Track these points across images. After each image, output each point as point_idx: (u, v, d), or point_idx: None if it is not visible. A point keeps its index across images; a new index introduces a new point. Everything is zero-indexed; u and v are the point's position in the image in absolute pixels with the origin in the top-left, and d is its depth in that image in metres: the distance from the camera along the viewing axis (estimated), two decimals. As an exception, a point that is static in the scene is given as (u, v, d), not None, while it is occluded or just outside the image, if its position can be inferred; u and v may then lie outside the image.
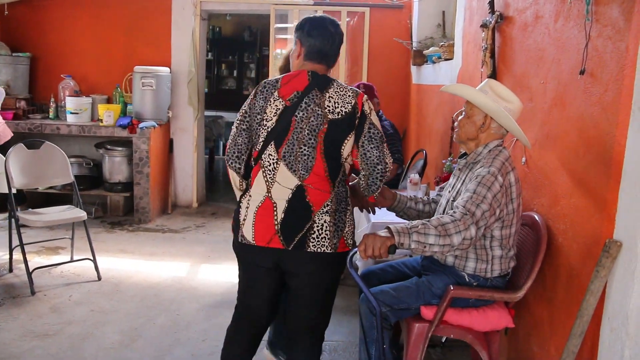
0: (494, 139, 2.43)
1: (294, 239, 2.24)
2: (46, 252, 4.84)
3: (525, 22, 2.90)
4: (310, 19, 2.38)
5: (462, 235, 2.16)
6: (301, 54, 2.37)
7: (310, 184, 2.24)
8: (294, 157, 2.24)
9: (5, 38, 6.44)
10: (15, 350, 3.16)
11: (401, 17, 6.27)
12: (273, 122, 2.27)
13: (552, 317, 2.48)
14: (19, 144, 4.33)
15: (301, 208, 2.24)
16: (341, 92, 2.28)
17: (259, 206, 2.28)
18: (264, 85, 2.33)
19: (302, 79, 2.29)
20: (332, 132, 2.24)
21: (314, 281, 2.35)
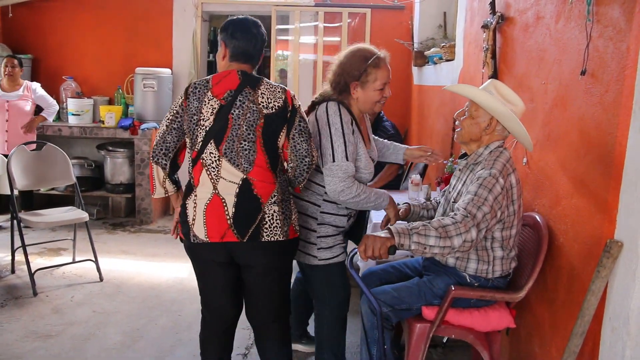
0: (495, 140, 2.43)
1: (248, 231, 2.32)
2: (48, 253, 4.85)
3: (526, 22, 2.91)
4: (233, 22, 2.46)
5: (462, 238, 2.16)
6: (226, 55, 2.45)
7: (254, 177, 2.34)
8: (235, 152, 2.33)
9: (7, 40, 6.46)
10: (18, 351, 3.17)
11: (402, 18, 6.28)
12: (211, 122, 2.34)
13: (553, 317, 2.48)
14: (21, 145, 4.34)
15: (250, 200, 2.33)
16: (271, 88, 2.40)
17: (207, 204, 2.33)
18: (194, 87, 2.38)
19: (233, 78, 2.38)
20: (268, 126, 2.36)
21: (270, 271, 2.44)
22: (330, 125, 2.48)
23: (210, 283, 2.49)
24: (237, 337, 3.38)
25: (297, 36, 6.28)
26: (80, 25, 6.52)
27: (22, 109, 5.33)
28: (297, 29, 6.27)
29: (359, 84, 2.54)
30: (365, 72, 2.53)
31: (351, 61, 2.55)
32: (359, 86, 2.55)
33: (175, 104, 2.42)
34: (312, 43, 6.46)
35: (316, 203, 2.61)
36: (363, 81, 2.54)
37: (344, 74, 2.54)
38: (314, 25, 6.37)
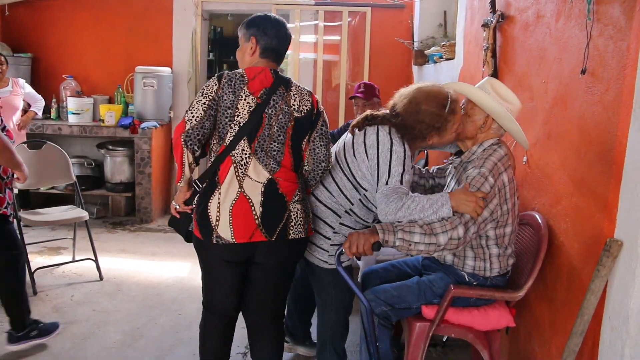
0: (491, 138, 2.43)
1: (276, 229, 2.33)
2: (48, 252, 4.85)
3: (526, 21, 2.90)
4: (266, 18, 2.46)
5: (448, 235, 2.17)
6: (256, 51, 2.43)
7: (279, 177, 2.34)
8: (265, 152, 2.33)
9: (6, 39, 6.45)
10: (18, 351, 3.17)
11: (402, 17, 6.27)
12: (245, 118, 2.31)
13: (553, 316, 2.48)
14: (21, 144, 4.34)
15: (277, 199, 2.34)
16: (301, 91, 2.43)
17: (233, 204, 2.30)
18: (229, 78, 2.34)
19: (267, 76, 2.38)
20: (297, 129, 2.39)
21: (283, 265, 2.47)
22: (393, 152, 2.34)
23: (219, 281, 2.46)
24: (237, 337, 3.37)
25: (297, 35, 6.28)
26: (80, 23, 6.51)
27: (15, 106, 5.27)
28: (297, 28, 6.27)
29: (436, 133, 2.39)
30: (446, 120, 2.36)
31: (429, 110, 2.35)
32: (436, 134, 2.40)
33: (209, 90, 2.34)
34: (312, 42, 6.45)
35: (338, 213, 2.55)
36: (442, 129, 2.38)
37: (421, 123, 2.35)
38: (314, 24, 6.36)
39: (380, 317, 2.51)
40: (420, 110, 2.36)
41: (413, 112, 2.36)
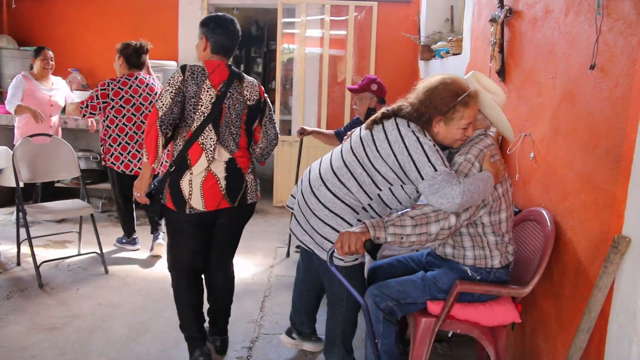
0: (477, 128, 2.44)
1: (237, 197, 2.83)
2: (54, 245, 4.85)
3: (534, 16, 2.88)
4: (213, 18, 2.81)
5: (440, 225, 2.18)
6: (207, 48, 2.79)
7: (237, 155, 2.82)
8: (226, 137, 2.77)
9: (12, 32, 6.46)
10: (24, 343, 3.18)
11: (409, 12, 6.25)
12: (209, 109, 2.71)
13: (559, 312, 2.47)
14: (26, 137, 4.34)
15: (236, 174, 2.82)
16: (251, 83, 2.88)
17: (202, 181, 2.73)
18: (192, 71, 2.70)
19: (224, 70, 2.77)
20: (249, 115, 2.85)
21: (239, 223, 3.02)
22: (422, 144, 2.30)
23: (189, 244, 2.88)
24: (242, 331, 3.40)
25: (303, 29, 6.26)
26: (85, 17, 6.51)
27: (60, 104, 5.31)
28: (303, 22, 6.25)
29: (443, 119, 2.35)
30: (453, 109, 2.32)
31: (441, 94, 2.34)
32: (443, 121, 2.35)
33: (175, 80, 2.68)
34: (319, 36, 6.43)
35: (355, 209, 2.48)
36: (449, 117, 2.33)
37: (430, 105, 2.34)
38: (320, 18, 6.34)
39: (385, 312, 2.50)
40: (432, 95, 2.35)
41: (425, 99, 2.36)
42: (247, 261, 4.67)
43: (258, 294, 4.01)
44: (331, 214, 2.50)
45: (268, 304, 3.84)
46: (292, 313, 3.15)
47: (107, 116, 4.45)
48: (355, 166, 2.47)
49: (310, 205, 2.56)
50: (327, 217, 2.50)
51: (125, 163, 4.49)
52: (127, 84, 4.48)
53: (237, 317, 3.61)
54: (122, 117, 4.44)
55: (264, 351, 3.20)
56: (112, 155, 4.49)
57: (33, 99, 5.03)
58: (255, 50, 11.39)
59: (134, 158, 4.49)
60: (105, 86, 4.45)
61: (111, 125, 4.47)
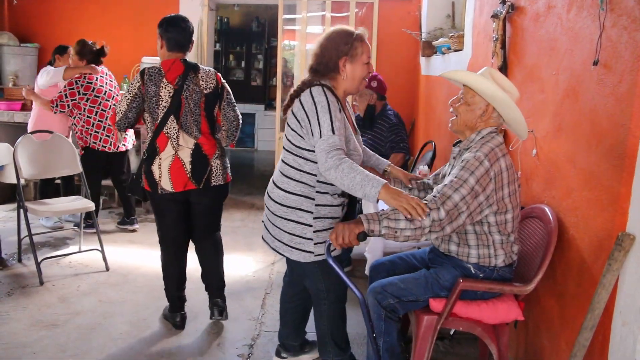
0: (489, 126, 2.41)
1: (202, 180, 3.16)
2: (55, 242, 4.85)
3: (537, 12, 2.87)
4: (166, 19, 3.16)
5: (431, 217, 2.16)
6: (164, 46, 3.15)
7: (203, 142, 3.15)
8: (188, 124, 3.12)
9: (13, 29, 6.44)
10: (24, 340, 3.18)
11: (410, 8, 6.23)
12: (168, 102, 3.08)
13: (563, 310, 2.46)
14: (27, 134, 4.33)
15: (201, 158, 3.15)
16: (207, 73, 3.21)
17: (170, 165, 3.11)
18: (149, 74, 3.09)
19: (179, 66, 3.12)
20: (208, 102, 3.17)
21: (212, 203, 3.34)
22: (317, 104, 2.41)
23: (168, 217, 3.27)
24: (244, 328, 3.39)
25: (304, 26, 6.24)
26: (86, 14, 6.50)
27: None
28: (304, 19, 6.23)
29: (348, 59, 2.48)
30: (353, 46, 2.48)
31: (337, 38, 2.50)
32: (348, 61, 2.48)
33: (133, 87, 3.11)
34: (320, 33, 6.41)
35: (310, 196, 2.52)
36: (352, 55, 2.48)
37: (331, 50, 2.49)
38: (321, 15, 6.33)
39: (387, 309, 2.49)
40: (329, 42, 2.51)
41: (321, 52, 2.52)
42: (248, 258, 4.67)
43: (259, 291, 4.00)
44: (289, 209, 2.54)
45: (269, 301, 3.83)
46: (280, 325, 3.05)
47: (84, 108, 4.85)
48: (287, 155, 2.56)
49: (271, 208, 2.61)
50: (286, 213, 2.55)
51: (113, 142, 4.98)
52: (93, 78, 4.89)
53: (238, 314, 3.61)
54: (98, 105, 4.88)
55: (265, 349, 3.19)
56: (100, 139, 4.91)
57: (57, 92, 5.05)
58: (256, 47, 11.35)
59: (117, 136, 5.00)
60: (73, 85, 4.80)
61: (90, 114, 4.87)
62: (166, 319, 3.49)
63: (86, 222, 4.93)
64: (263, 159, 9.70)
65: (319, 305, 2.73)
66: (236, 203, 6.52)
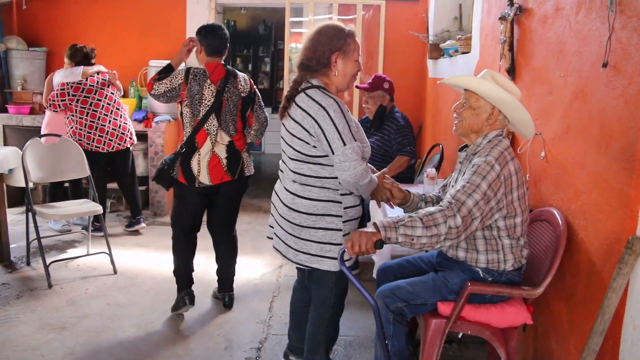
0: (495, 129, 2.40)
1: (236, 172, 3.47)
2: (63, 245, 4.87)
3: (545, 14, 2.85)
4: (204, 27, 3.46)
5: (447, 224, 2.14)
6: (202, 51, 3.44)
7: (235, 139, 3.46)
8: (227, 123, 3.41)
9: (22, 33, 6.48)
10: (33, 343, 3.19)
11: (417, 10, 6.22)
12: (212, 102, 3.37)
13: (572, 314, 2.44)
14: (35, 138, 4.35)
15: (235, 153, 3.46)
16: (244, 78, 3.53)
17: (208, 161, 3.39)
18: (194, 74, 3.38)
19: (221, 70, 3.42)
20: (243, 104, 3.50)
21: (237, 194, 3.63)
22: (326, 108, 2.35)
23: (191, 208, 3.54)
24: (252, 331, 3.39)
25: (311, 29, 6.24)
26: (94, 18, 6.52)
27: None
28: (311, 22, 6.23)
29: (341, 54, 2.45)
30: (346, 42, 2.46)
31: (330, 33, 2.47)
32: (340, 57, 2.45)
33: (174, 80, 3.39)
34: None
35: (336, 200, 2.48)
36: (345, 50, 2.45)
37: (324, 45, 2.45)
38: (328, 17, 6.32)
39: (395, 313, 2.48)
40: (320, 37, 2.48)
41: (313, 46, 2.48)
42: (256, 261, 4.66)
43: (267, 294, 4.00)
44: (318, 217, 2.48)
45: (277, 304, 3.82)
46: (291, 329, 3.00)
47: (76, 109, 4.88)
48: (301, 166, 2.48)
49: (295, 220, 2.51)
50: (315, 222, 2.47)
51: (107, 142, 4.96)
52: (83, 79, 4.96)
53: (245, 317, 3.61)
54: (90, 106, 4.91)
55: (273, 352, 3.19)
56: (93, 140, 4.91)
57: None
58: (263, 50, 11.37)
59: (113, 136, 4.99)
60: (64, 86, 4.86)
61: (82, 115, 4.90)
62: (176, 303, 3.62)
63: (94, 226, 4.95)
64: (270, 161, 9.71)
65: (322, 311, 2.69)
66: (243, 206, 6.49)
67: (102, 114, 4.93)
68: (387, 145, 4.28)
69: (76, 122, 4.89)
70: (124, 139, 5.09)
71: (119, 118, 5.08)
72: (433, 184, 3.54)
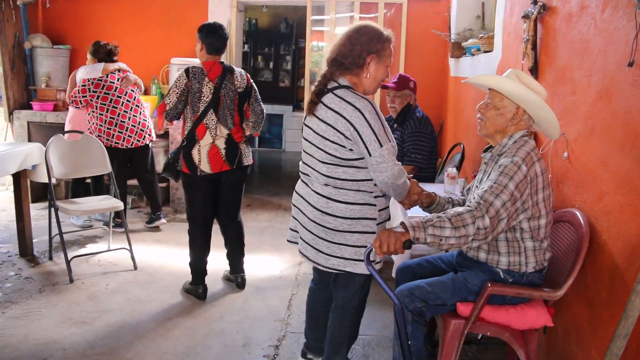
0: (520, 129, 2.37)
1: (234, 162, 3.69)
2: (84, 241, 4.93)
3: (569, 12, 2.81)
4: (206, 26, 3.65)
5: (475, 225, 2.11)
6: (203, 49, 3.63)
7: (234, 132, 3.68)
8: (225, 117, 3.64)
9: (46, 31, 6.56)
10: (55, 336, 3.23)
11: (439, 9, 6.17)
12: (209, 98, 3.58)
13: (594, 317, 2.40)
14: (58, 134, 4.41)
15: (233, 144, 3.68)
16: (240, 74, 3.73)
17: (208, 151, 3.61)
18: (193, 72, 3.57)
19: (218, 68, 3.62)
20: (240, 99, 3.72)
21: (238, 182, 3.84)
22: (361, 110, 2.32)
23: (200, 197, 3.73)
24: (269, 329, 3.39)
25: (332, 27, 6.24)
26: (117, 15, 6.58)
27: None
28: (332, 20, 6.22)
29: (376, 57, 2.41)
30: (383, 46, 2.42)
31: (370, 34, 2.42)
32: (375, 59, 2.41)
33: (180, 83, 3.55)
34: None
35: (371, 202, 2.46)
36: (380, 55, 2.42)
37: (363, 45, 2.40)
38: (349, 15, 6.31)
39: (414, 313, 2.46)
40: (358, 39, 2.43)
41: (351, 44, 2.43)
42: (275, 258, 4.67)
43: (285, 291, 4.00)
44: (354, 220, 2.45)
45: (295, 302, 3.83)
46: (309, 329, 2.97)
47: (96, 106, 4.93)
48: (336, 170, 2.43)
49: (330, 225, 2.47)
50: (351, 225, 2.45)
51: (127, 139, 5.02)
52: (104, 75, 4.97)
53: (263, 314, 3.61)
54: (110, 102, 4.94)
55: (291, 350, 3.19)
56: (112, 136, 4.96)
57: None
58: (284, 48, 11.38)
59: (132, 133, 5.06)
60: (85, 82, 4.91)
61: (102, 112, 4.93)
62: (188, 292, 3.88)
63: (115, 222, 5.00)
64: (291, 159, 9.71)
65: (345, 314, 2.67)
66: (263, 204, 6.54)
67: (122, 110, 4.98)
68: (400, 145, 4.25)
69: (97, 118, 4.94)
70: (142, 135, 5.13)
71: (139, 115, 5.12)
72: (454, 184, 3.51)
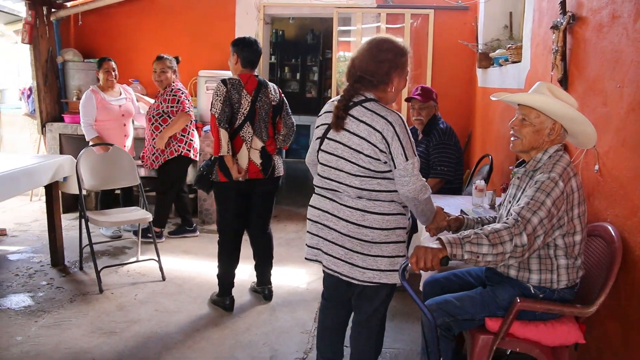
0: (555, 144, 2.33)
1: (268, 172, 3.77)
2: (114, 251, 4.99)
3: (600, 22, 2.77)
4: (242, 40, 3.76)
5: (513, 242, 2.08)
6: (238, 62, 3.72)
7: (267, 144, 3.75)
8: (259, 130, 3.71)
9: (77, 45, 6.70)
10: (85, 346, 3.27)
11: (466, 19, 6.14)
12: (247, 109, 3.63)
13: (627, 334, 2.35)
14: (89, 147, 4.48)
15: (267, 155, 3.75)
16: (274, 88, 3.83)
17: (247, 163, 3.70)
18: (232, 84, 3.62)
19: (254, 81, 3.70)
20: (274, 112, 3.80)
21: (270, 193, 3.91)
22: (393, 124, 2.33)
23: (232, 209, 3.78)
24: (296, 341, 3.39)
25: (359, 38, 6.25)
26: (145, 29, 6.70)
27: (131, 111, 5.48)
28: (359, 31, 6.24)
29: (399, 71, 2.43)
30: (405, 60, 2.46)
31: (394, 50, 2.42)
32: (398, 73, 2.43)
33: (221, 92, 3.58)
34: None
35: (402, 212, 2.49)
36: (403, 68, 2.45)
37: (390, 62, 2.40)
38: (375, 26, 6.31)
39: (441, 328, 2.44)
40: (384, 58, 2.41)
41: (377, 64, 2.41)
42: (302, 270, 4.67)
43: (312, 303, 3.99)
44: (390, 231, 2.45)
45: (321, 315, 3.81)
46: (328, 344, 2.88)
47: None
48: (366, 180, 2.42)
49: (367, 237, 2.44)
50: (387, 236, 2.44)
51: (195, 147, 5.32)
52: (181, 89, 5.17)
53: (290, 327, 3.61)
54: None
55: (318, 363, 3.17)
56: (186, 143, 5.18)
57: (104, 111, 5.19)
58: (311, 59, 11.44)
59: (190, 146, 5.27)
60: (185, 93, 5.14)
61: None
62: (215, 303, 3.90)
63: (144, 234, 5.04)
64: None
65: (369, 326, 2.65)
66: (290, 215, 6.55)
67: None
68: (426, 158, 4.20)
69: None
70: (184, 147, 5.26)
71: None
72: (482, 196, 3.47)
